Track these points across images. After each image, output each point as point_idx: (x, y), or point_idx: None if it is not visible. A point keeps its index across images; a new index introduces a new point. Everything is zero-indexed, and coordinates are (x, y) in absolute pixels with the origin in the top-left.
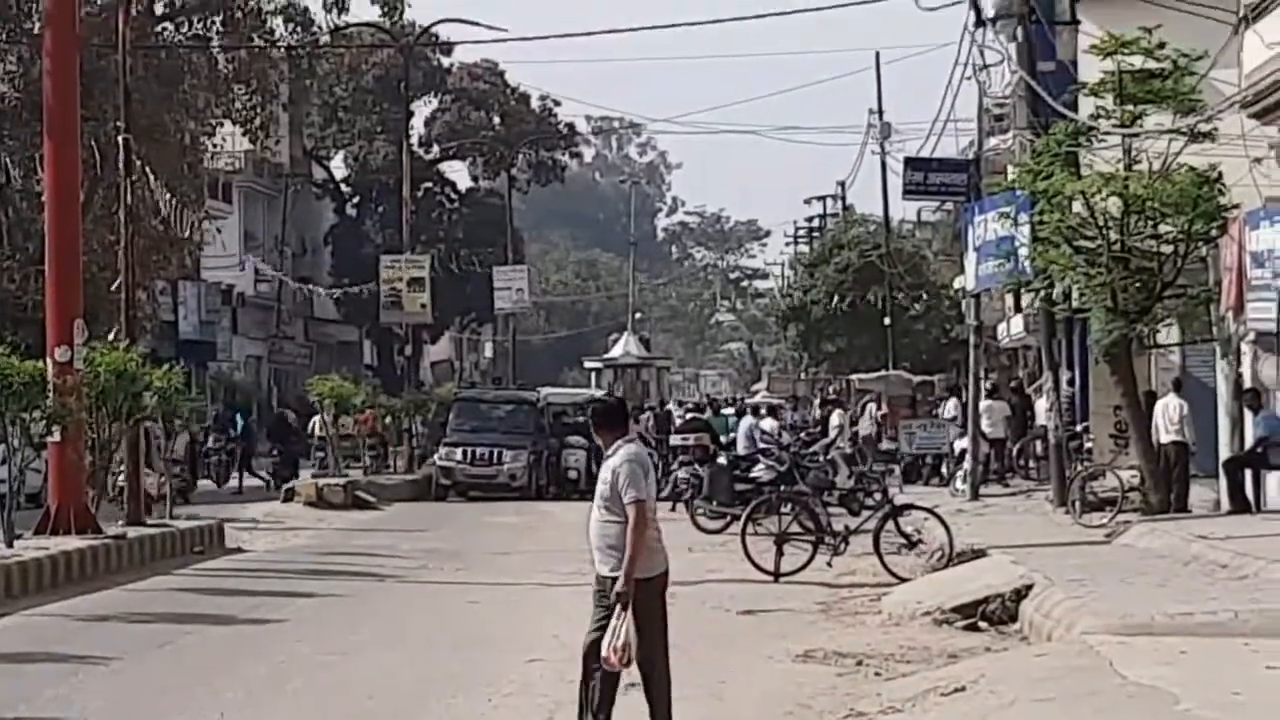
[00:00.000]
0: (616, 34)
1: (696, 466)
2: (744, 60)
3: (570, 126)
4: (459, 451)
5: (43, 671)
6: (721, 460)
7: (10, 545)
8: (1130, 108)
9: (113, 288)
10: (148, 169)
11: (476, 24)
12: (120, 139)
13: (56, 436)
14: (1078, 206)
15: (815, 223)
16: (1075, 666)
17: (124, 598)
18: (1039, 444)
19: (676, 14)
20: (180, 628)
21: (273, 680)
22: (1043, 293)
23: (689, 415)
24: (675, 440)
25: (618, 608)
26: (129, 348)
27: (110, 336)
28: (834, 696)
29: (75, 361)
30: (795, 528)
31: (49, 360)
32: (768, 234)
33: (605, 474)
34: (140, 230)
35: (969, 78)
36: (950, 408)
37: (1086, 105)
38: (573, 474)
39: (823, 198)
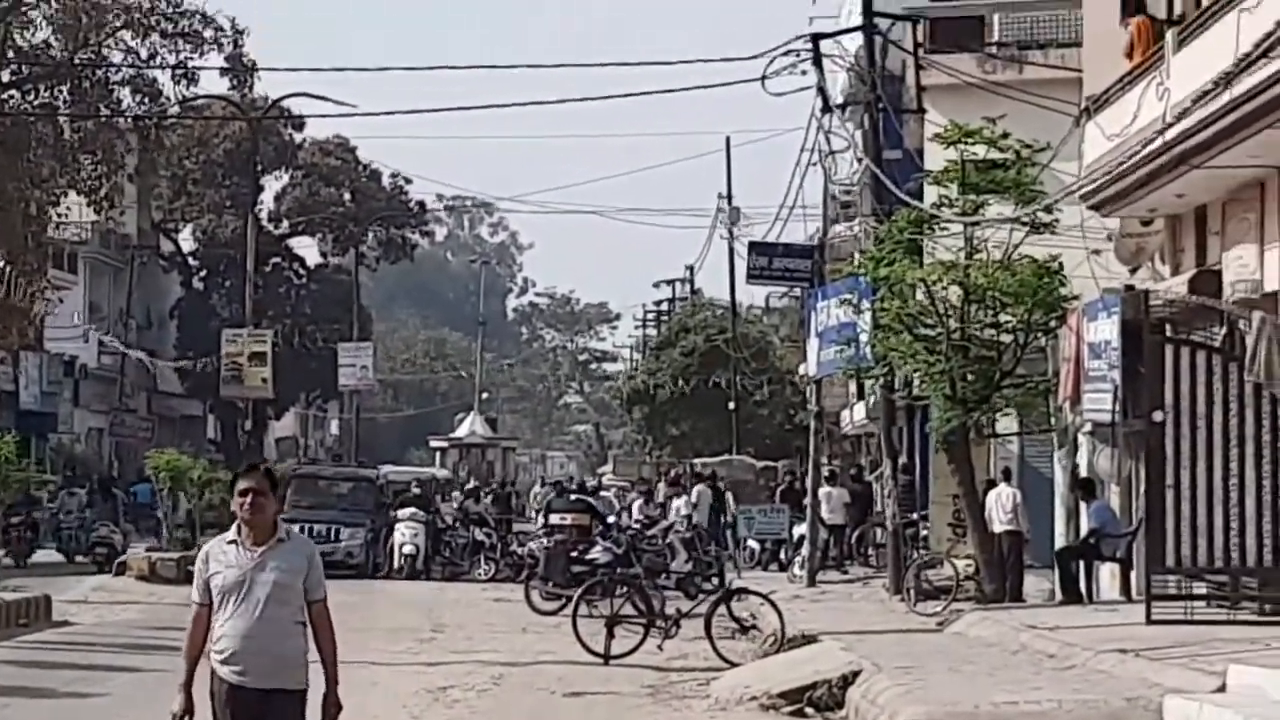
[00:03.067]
0: (469, 111)
1: (534, 545)
2: (597, 141)
3: (421, 204)
4: (296, 528)
5: None
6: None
7: None
8: (973, 197)
9: None
10: None
11: (325, 99)
12: None
13: None
14: (919, 294)
15: (664, 306)
16: None
17: None
18: (879, 531)
19: (532, 92)
20: None
21: None
22: (883, 380)
23: (573, 496)
24: (554, 519)
25: None
26: None
27: None
28: None
29: None
30: (628, 610)
31: None
32: (618, 317)
33: (282, 562)
34: None
35: (815, 164)
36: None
37: (932, 194)
38: (409, 549)
39: (672, 281)
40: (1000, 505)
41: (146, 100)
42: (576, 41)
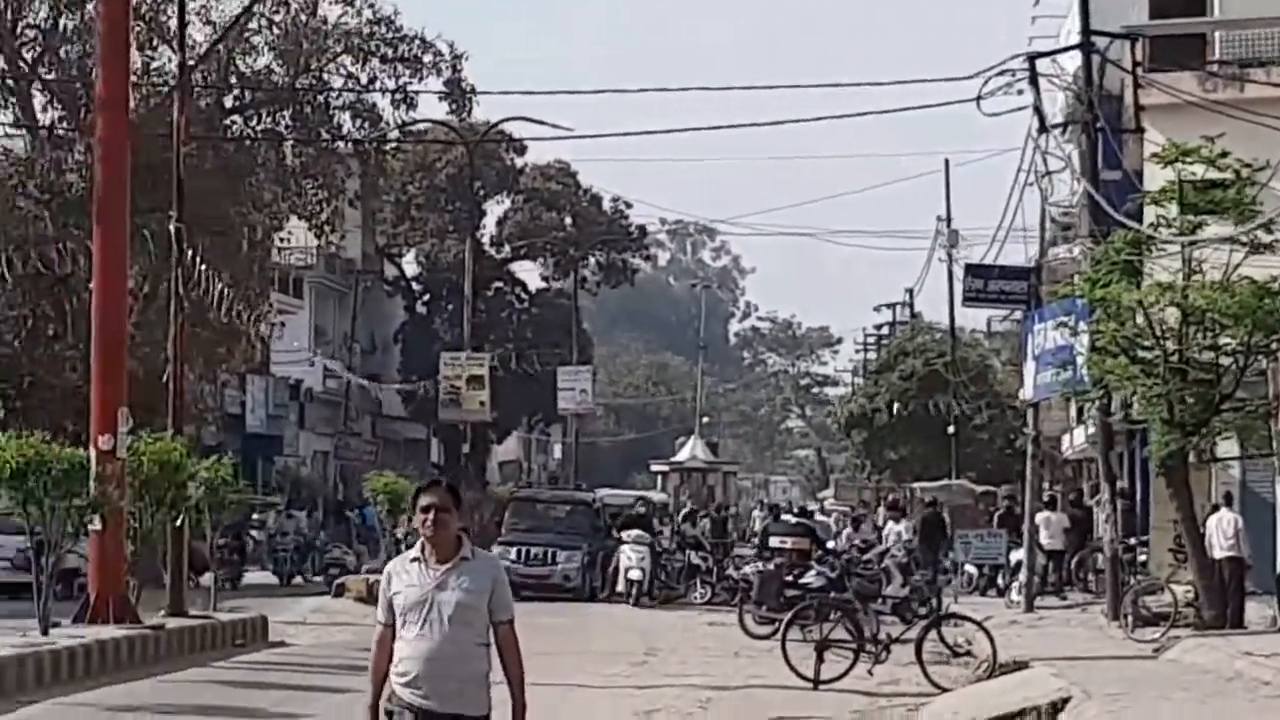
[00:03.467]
0: (692, 132)
1: (749, 569)
2: (808, 162)
3: (641, 229)
4: (513, 551)
5: None
6: (771, 564)
7: (45, 633)
8: (1191, 217)
9: (162, 377)
10: (200, 260)
11: (541, 122)
12: (172, 228)
13: (97, 525)
14: (1137, 316)
15: (884, 330)
16: None
17: (157, 688)
18: (1099, 557)
19: (748, 114)
20: None
21: None
22: (1099, 403)
23: (793, 520)
24: (774, 543)
25: None
26: (174, 437)
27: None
28: None
29: (119, 450)
30: (839, 634)
31: (92, 448)
32: (839, 341)
33: (465, 581)
34: (203, 323)
35: (1031, 184)
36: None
37: (1150, 214)
38: (635, 574)
39: (892, 305)
40: (1221, 530)
41: (366, 125)
42: (623, 35)
